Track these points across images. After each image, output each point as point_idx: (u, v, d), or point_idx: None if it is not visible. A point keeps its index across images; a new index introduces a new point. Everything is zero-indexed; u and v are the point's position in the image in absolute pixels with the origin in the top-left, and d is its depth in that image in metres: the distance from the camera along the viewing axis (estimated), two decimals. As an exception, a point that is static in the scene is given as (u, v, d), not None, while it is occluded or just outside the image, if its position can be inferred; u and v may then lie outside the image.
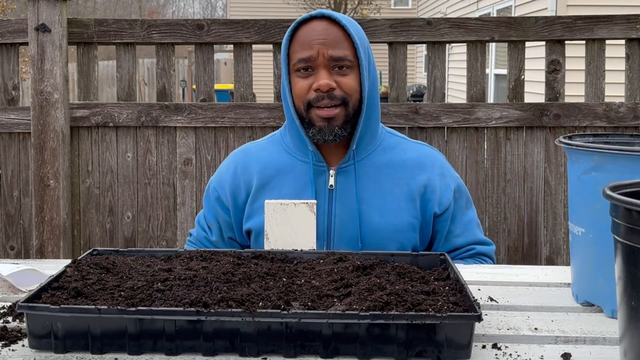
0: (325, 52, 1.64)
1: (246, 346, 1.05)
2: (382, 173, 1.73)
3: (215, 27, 2.92)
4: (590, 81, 2.89)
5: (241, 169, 1.79)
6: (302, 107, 1.68)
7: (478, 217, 1.85)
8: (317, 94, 1.65)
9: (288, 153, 1.77)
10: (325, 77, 1.64)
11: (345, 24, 1.65)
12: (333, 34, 1.65)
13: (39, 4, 2.86)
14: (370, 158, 1.74)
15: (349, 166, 1.72)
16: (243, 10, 20.47)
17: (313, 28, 1.66)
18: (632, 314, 0.87)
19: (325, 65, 1.65)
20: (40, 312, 1.06)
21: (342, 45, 1.65)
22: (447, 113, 2.90)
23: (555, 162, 2.90)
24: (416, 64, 18.02)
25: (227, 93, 12.75)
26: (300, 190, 1.72)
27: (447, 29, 2.89)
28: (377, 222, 1.70)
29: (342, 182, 1.72)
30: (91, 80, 2.97)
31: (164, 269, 1.27)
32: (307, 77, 1.66)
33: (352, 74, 1.66)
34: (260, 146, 1.84)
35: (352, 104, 1.67)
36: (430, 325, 1.03)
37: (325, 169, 1.73)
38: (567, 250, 2.60)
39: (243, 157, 1.82)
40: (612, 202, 0.91)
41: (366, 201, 1.71)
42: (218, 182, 1.82)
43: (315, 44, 1.64)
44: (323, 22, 1.66)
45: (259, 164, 1.78)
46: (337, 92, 1.65)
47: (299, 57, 1.66)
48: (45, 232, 2.90)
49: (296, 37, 1.68)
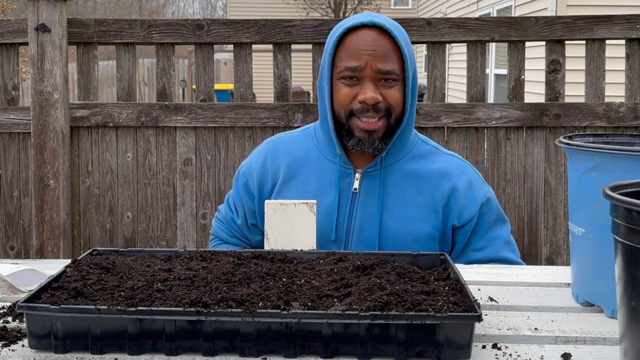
0: (374, 65, 1.61)
1: (246, 346, 1.05)
2: (408, 181, 1.71)
3: (215, 27, 2.92)
4: (590, 81, 2.89)
5: (271, 159, 1.80)
6: (342, 114, 1.66)
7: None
8: (361, 105, 1.63)
9: (318, 150, 1.76)
10: (371, 90, 1.61)
11: (396, 35, 1.62)
12: (383, 46, 1.62)
13: (39, 4, 2.86)
14: (398, 165, 1.72)
15: (375, 171, 1.71)
16: (243, 10, 20.46)
17: (363, 37, 1.63)
18: (632, 314, 0.87)
19: (372, 78, 1.62)
20: (40, 312, 1.06)
21: (391, 58, 1.62)
22: (447, 113, 2.90)
23: (555, 162, 2.90)
24: (416, 64, 18.00)
25: (227, 93, 12.74)
26: (324, 189, 1.72)
27: (447, 29, 2.89)
28: (396, 230, 1.68)
29: (366, 186, 1.71)
30: (91, 80, 2.97)
31: (164, 269, 1.27)
32: (352, 86, 1.64)
33: (397, 86, 1.64)
34: (292, 138, 1.83)
35: (394, 115, 1.66)
36: (430, 325, 1.03)
37: (352, 172, 1.72)
38: (567, 250, 2.60)
39: (274, 147, 1.82)
40: (612, 202, 0.90)
41: (388, 208, 1.69)
42: (248, 168, 1.83)
43: (364, 55, 1.61)
44: (373, 31, 1.63)
45: (289, 156, 1.78)
46: (381, 104, 1.63)
47: (347, 66, 1.63)
48: (45, 232, 2.90)
49: (344, 43, 1.64)
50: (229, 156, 2.95)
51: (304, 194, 1.72)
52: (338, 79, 1.66)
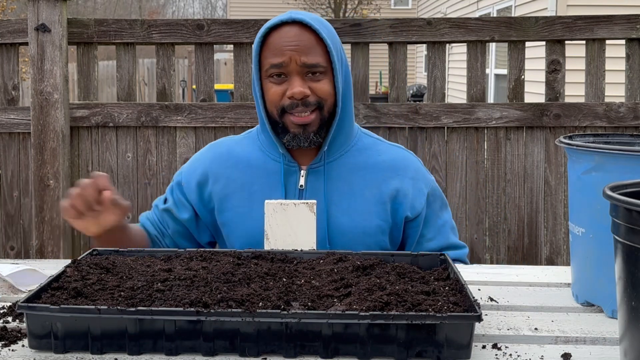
0: (298, 59, 1.61)
1: (246, 346, 1.05)
2: (354, 174, 1.72)
3: (215, 27, 2.92)
4: (590, 81, 2.89)
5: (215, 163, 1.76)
6: (275, 113, 1.66)
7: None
8: (291, 101, 1.63)
9: (261, 151, 1.75)
10: (298, 84, 1.62)
11: (317, 28, 1.62)
12: (305, 39, 1.62)
13: (39, 4, 2.86)
14: (342, 159, 1.73)
15: (320, 167, 1.71)
16: (243, 10, 20.47)
17: (285, 34, 1.63)
18: (632, 314, 0.87)
19: (299, 72, 1.62)
20: (40, 312, 1.06)
21: (315, 51, 1.62)
22: (447, 113, 2.90)
23: (555, 162, 2.90)
24: (416, 64, 18.01)
25: (227, 93, 12.73)
26: (270, 189, 1.71)
27: (447, 29, 2.89)
28: (344, 224, 1.68)
29: (312, 182, 1.71)
30: (91, 80, 2.97)
31: (163, 269, 1.27)
32: (281, 84, 1.64)
33: (326, 79, 1.64)
34: (234, 141, 1.82)
35: (327, 107, 1.66)
36: (430, 325, 1.03)
37: (297, 169, 1.72)
38: (567, 250, 2.60)
39: (217, 151, 1.79)
40: (612, 202, 0.90)
41: (335, 202, 1.69)
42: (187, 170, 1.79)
43: (287, 51, 1.61)
44: (295, 27, 1.63)
45: (231, 159, 1.76)
46: (311, 98, 1.63)
47: (271, 63, 1.63)
48: (45, 232, 2.90)
49: (267, 42, 1.65)
50: (229, 156, 2.95)
51: (250, 195, 1.70)
52: (266, 78, 1.66)
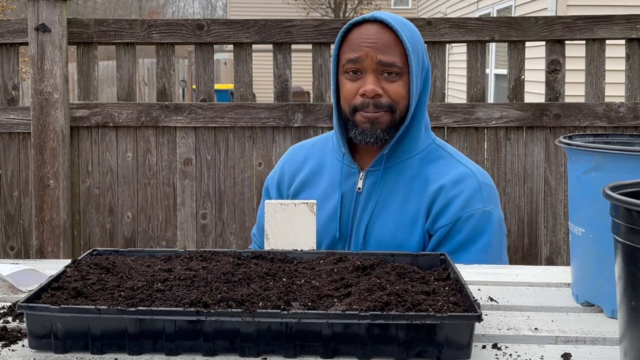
0: (374, 56, 1.61)
1: (246, 346, 1.05)
2: (406, 183, 1.68)
3: (215, 27, 2.92)
4: (590, 81, 2.89)
5: (287, 166, 1.85)
6: (347, 110, 1.67)
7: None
8: (363, 99, 1.63)
9: (331, 152, 1.78)
10: (372, 82, 1.61)
11: (398, 29, 1.61)
12: (384, 38, 1.62)
13: (39, 4, 2.86)
14: (402, 165, 1.69)
15: (378, 170, 1.69)
16: (243, 10, 20.46)
17: (364, 31, 1.64)
18: (632, 314, 0.87)
19: (374, 70, 1.62)
20: (40, 312, 1.05)
21: (393, 50, 1.62)
22: (447, 113, 2.90)
23: (555, 162, 2.90)
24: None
25: (227, 93, 12.75)
26: (330, 189, 1.73)
27: (447, 29, 2.89)
28: (380, 235, 1.66)
29: (369, 185, 1.70)
30: (91, 80, 2.97)
31: (164, 269, 1.27)
32: (355, 81, 1.64)
33: (401, 81, 1.63)
34: (311, 143, 1.88)
35: (399, 110, 1.64)
36: (430, 325, 1.03)
37: (357, 171, 1.72)
38: (567, 250, 2.60)
39: (292, 155, 1.88)
40: (612, 202, 0.90)
41: (385, 210, 1.67)
42: (270, 178, 1.90)
43: (364, 47, 1.62)
44: (375, 25, 1.63)
45: (306, 161, 1.82)
46: (383, 99, 1.62)
47: (348, 58, 1.64)
48: (45, 232, 2.90)
49: (347, 39, 1.66)
50: (229, 156, 2.95)
51: (311, 196, 1.74)
52: (343, 74, 1.67)
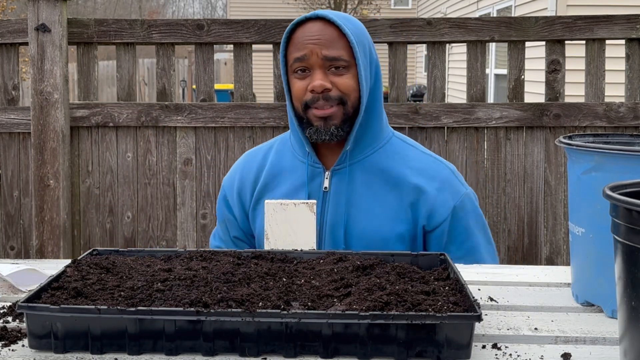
0: (319, 52, 1.62)
1: (246, 346, 1.05)
2: (378, 178, 1.69)
3: (215, 27, 2.92)
4: (590, 81, 2.89)
5: (247, 170, 1.81)
6: (300, 108, 1.68)
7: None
8: (312, 95, 1.64)
9: (291, 152, 1.77)
10: (319, 77, 1.63)
11: (340, 23, 1.63)
12: (327, 34, 1.64)
13: (39, 4, 2.86)
14: (367, 160, 1.71)
15: (343, 168, 1.70)
16: (243, 10, 20.46)
17: (307, 29, 1.65)
18: (632, 314, 0.87)
19: (321, 66, 1.63)
20: (40, 312, 1.06)
21: (337, 45, 1.63)
22: (447, 113, 2.90)
23: (555, 162, 2.90)
24: (416, 64, 18.01)
25: (227, 93, 12.75)
26: (295, 190, 1.72)
27: (447, 29, 2.89)
28: (363, 229, 1.66)
29: (336, 184, 1.70)
30: (91, 80, 2.97)
31: (164, 269, 1.27)
32: (304, 78, 1.66)
33: (350, 74, 1.64)
34: (268, 146, 1.86)
35: (351, 102, 1.65)
36: (430, 325, 1.03)
37: (322, 170, 1.72)
38: (567, 250, 2.60)
39: (249, 158, 1.84)
40: (612, 202, 0.90)
41: (357, 206, 1.68)
42: (226, 182, 1.85)
43: (309, 44, 1.63)
44: (318, 23, 1.65)
45: (264, 164, 1.80)
46: (333, 92, 1.63)
47: (294, 57, 1.65)
48: (45, 232, 2.90)
49: (292, 38, 1.67)
50: (229, 156, 2.95)
51: (278, 198, 1.71)
52: (292, 74, 1.68)
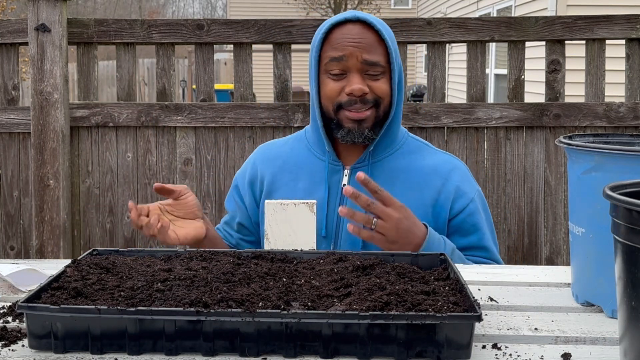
0: (360, 56, 1.62)
1: (246, 346, 1.05)
2: (397, 177, 1.72)
3: (215, 27, 2.92)
4: (590, 81, 2.89)
5: (260, 163, 1.83)
6: (330, 108, 1.67)
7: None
8: (349, 97, 1.64)
9: (308, 149, 1.78)
10: (358, 81, 1.63)
11: (380, 28, 1.64)
12: (368, 38, 1.64)
13: (39, 4, 2.86)
14: (387, 160, 1.73)
15: (364, 167, 1.72)
16: (243, 10, 20.46)
17: (348, 31, 1.65)
18: (632, 314, 0.87)
19: (359, 69, 1.64)
20: (40, 312, 1.05)
21: (377, 50, 1.64)
22: (447, 113, 2.90)
23: (555, 162, 2.90)
24: (416, 64, 18.01)
25: (227, 93, 12.75)
26: (314, 186, 1.73)
27: (447, 29, 2.89)
28: None
29: (355, 182, 1.71)
30: (91, 80, 2.97)
31: (164, 269, 1.27)
32: (339, 80, 1.65)
33: (384, 78, 1.66)
34: (283, 141, 1.87)
35: (383, 106, 1.67)
36: (430, 325, 1.03)
37: (341, 168, 1.73)
38: (567, 250, 2.60)
39: (264, 152, 1.86)
40: (612, 202, 0.90)
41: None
42: (240, 174, 1.87)
43: (349, 46, 1.63)
44: (357, 25, 1.65)
45: (278, 158, 1.80)
46: (369, 96, 1.65)
47: (332, 56, 1.65)
48: (45, 232, 2.90)
49: (329, 38, 1.66)
50: (229, 156, 2.95)
51: (294, 192, 1.73)
52: (324, 73, 1.67)
